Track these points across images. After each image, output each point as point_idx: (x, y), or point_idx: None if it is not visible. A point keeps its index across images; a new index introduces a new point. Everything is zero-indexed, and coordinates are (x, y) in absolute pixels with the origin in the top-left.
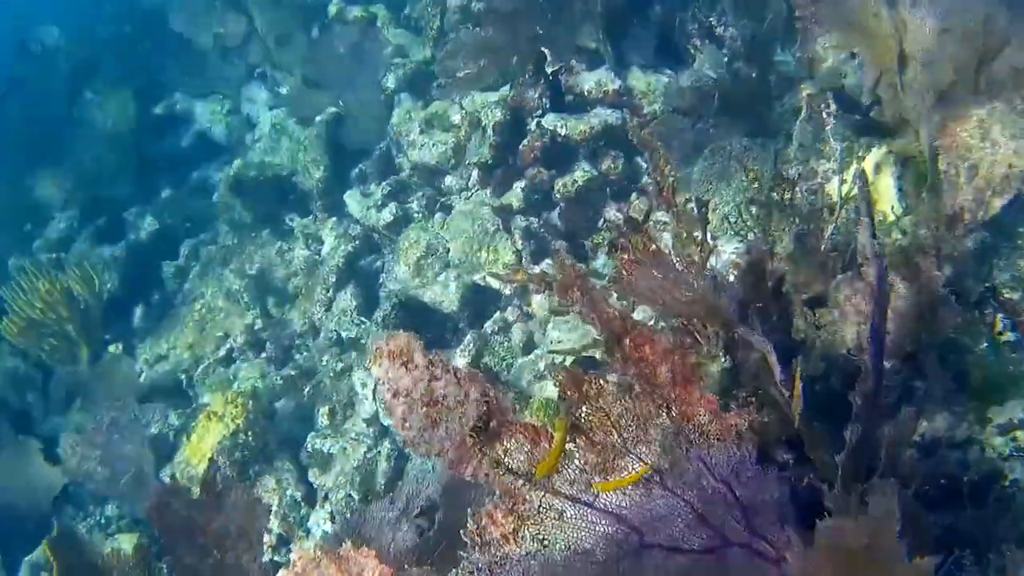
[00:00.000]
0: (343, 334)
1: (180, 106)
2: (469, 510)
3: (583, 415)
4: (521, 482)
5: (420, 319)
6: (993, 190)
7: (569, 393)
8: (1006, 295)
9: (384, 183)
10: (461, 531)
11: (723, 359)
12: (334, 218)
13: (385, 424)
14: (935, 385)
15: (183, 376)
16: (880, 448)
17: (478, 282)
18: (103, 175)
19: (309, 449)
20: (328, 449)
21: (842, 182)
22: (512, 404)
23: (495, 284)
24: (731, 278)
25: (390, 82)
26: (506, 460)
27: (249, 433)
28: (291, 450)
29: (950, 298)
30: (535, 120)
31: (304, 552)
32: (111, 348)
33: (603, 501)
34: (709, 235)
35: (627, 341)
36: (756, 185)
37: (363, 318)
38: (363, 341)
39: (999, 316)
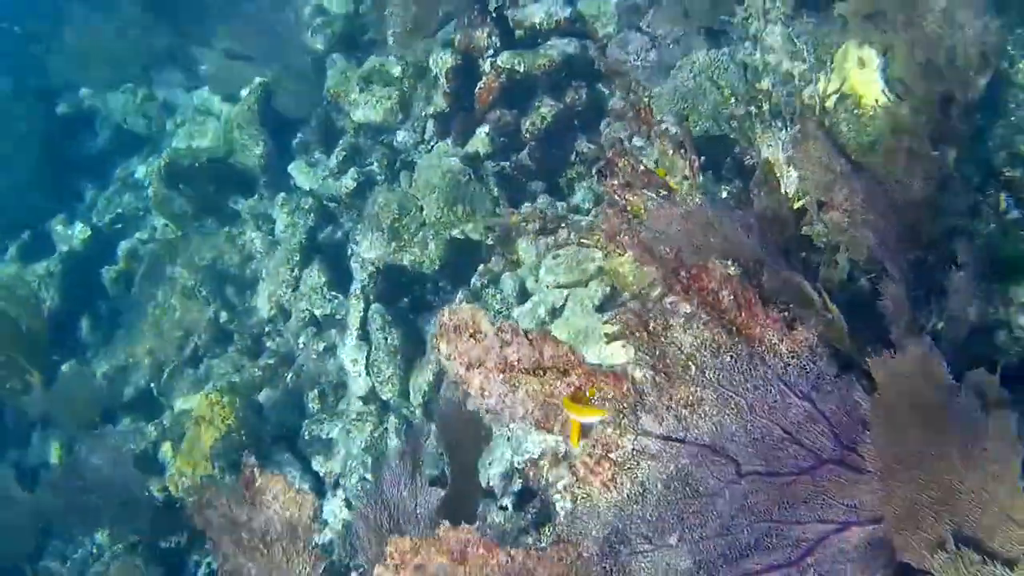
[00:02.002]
0: (316, 312)
1: (88, 103)
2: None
3: (654, 352)
4: (611, 430)
5: (400, 284)
6: (974, 70)
7: (638, 333)
8: (1007, 173)
9: (337, 148)
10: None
11: None
12: (283, 194)
13: (385, 398)
14: (966, 269)
15: (149, 385)
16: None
17: (457, 236)
18: (16, 186)
19: (306, 437)
20: (327, 434)
21: (820, 79)
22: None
23: (475, 236)
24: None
25: (318, 43)
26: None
27: (242, 431)
28: (287, 441)
29: (957, 179)
30: (488, 61)
31: (399, 541)
32: (64, 367)
33: (695, 435)
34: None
35: (684, 273)
36: (733, 100)
37: (334, 293)
38: (339, 317)
39: (1002, 195)
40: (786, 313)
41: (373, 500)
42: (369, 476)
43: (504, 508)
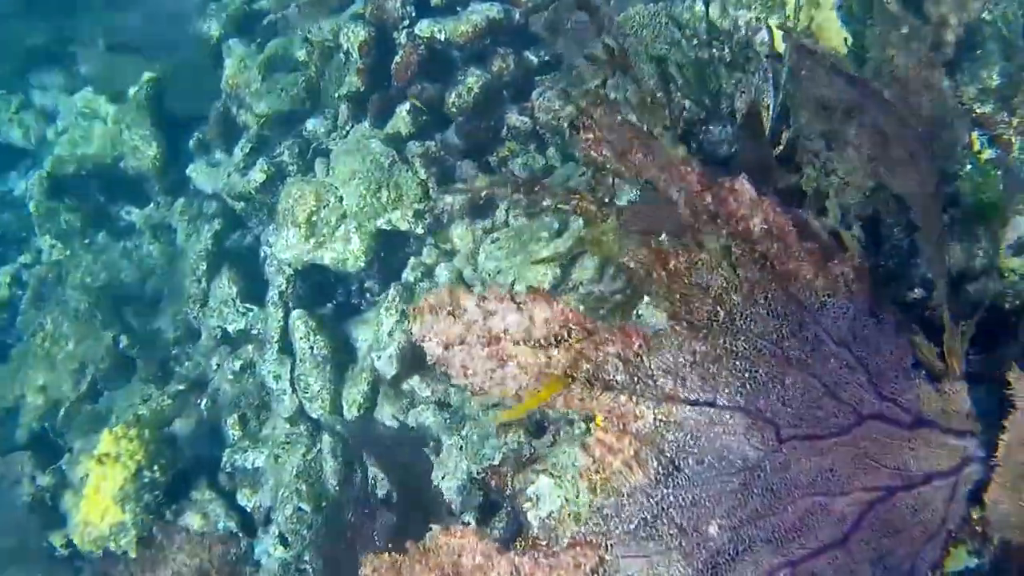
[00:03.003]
0: (229, 328)
1: None
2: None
3: (675, 296)
4: (625, 398)
5: (323, 286)
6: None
7: (656, 273)
8: (977, 110)
9: (242, 140)
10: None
11: None
12: (182, 199)
13: (315, 416)
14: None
15: (43, 426)
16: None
17: (383, 227)
18: None
19: (228, 469)
20: (253, 463)
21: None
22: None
23: (403, 226)
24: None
25: (212, 29)
26: (601, 376)
27: (155, 468)
28: (206, 476)
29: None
30: (404, 32)
31: (375, 559)
32: None
33: (726, 396)
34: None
35: (708, 197)
36: (694, 42)
37: (248, 304)
38: (255, 331)
39: (974, 134)
40: (816, 243)
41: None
42: (305, 506)
43: (466, 524)
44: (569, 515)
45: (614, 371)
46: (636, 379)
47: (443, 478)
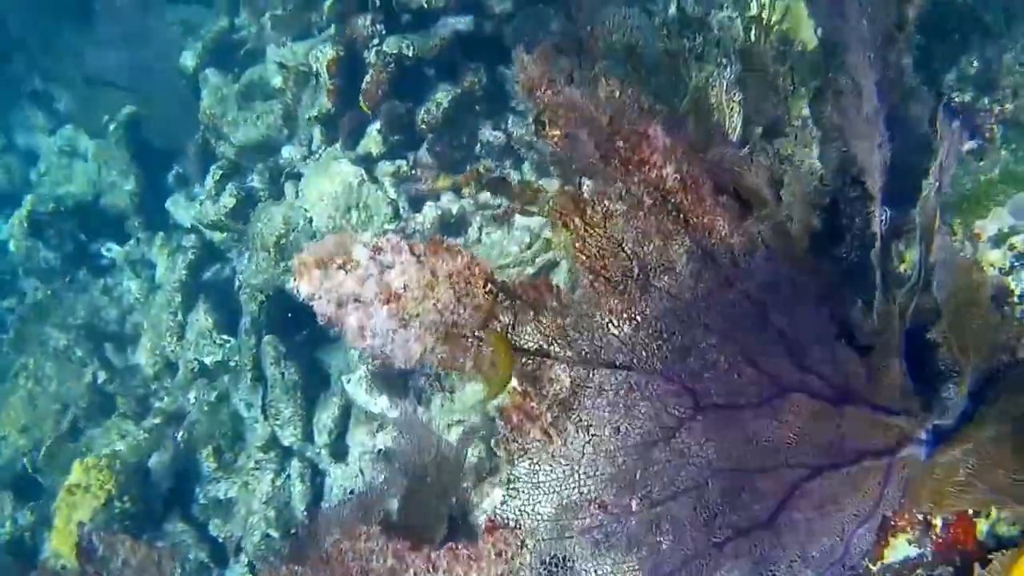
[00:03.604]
0: (207, 360)
1: None
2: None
3: (591, 249)
4: (541, 361)
5: (295, 312)
6: None
7: (571, 223)
8: (956, 99)
9: (214, 167)
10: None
11: None
12: (160, 233)
13: (287, 444)
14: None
15: (24, 465)
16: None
17: None
18: None
19: (202, 501)
20: (225, 493)
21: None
22: (492, 270)
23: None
24: None
25: (188, 60)
26: (513, 337)
27: (126, 498)
28: (181, 509)
29: (921, 89)
30: (373, 50)
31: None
32: None
33: (643, 358)
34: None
35: (622, 143)
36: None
37: (225, 336)
38: (232, 363)
39: (955, 124)
40: (732, 197)
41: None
42: (274, 532)
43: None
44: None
45: (527, 333)
46: (552, 340)
47: None
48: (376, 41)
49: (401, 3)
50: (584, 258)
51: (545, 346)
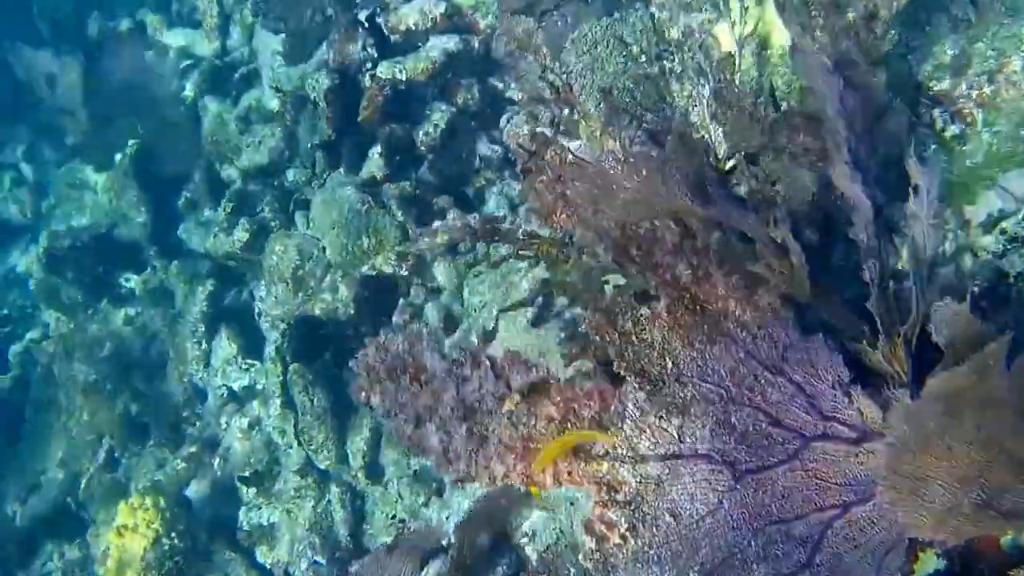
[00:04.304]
0: (234, 386)
1: None
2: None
3: (630, 356)
4: (607, 465)
5: (317, 337)
6: None
7: (607, 336)
8: (935, 88)
9: (224, 200)
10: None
11: None
12: (176, 261)
13: (322, 467)
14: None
15: (66, 500)
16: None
17: (368, 273)
18: None
19: (245, 527)
20: (268, 519)
21: (732, 24)
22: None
23: (388, 269)
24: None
25: (188, 89)
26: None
27: (174, 535)
28: (225, 536)
29: (894, 100)
30: (367, 74)
31: None
32: None
33: (689, 445)
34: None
35: (634, 249)
36: (643, 59)
37: (251, 360)
38: (259, 387)
39: (935, 112)
40: (740, 277)
41: None
42: (320, 559)
43: None
44: (566, 547)
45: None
46: (615, 445)
47: (447, 518)
48: (369, 65)
49: (391, 26)
50: (625, 364)
51: (611, 450)
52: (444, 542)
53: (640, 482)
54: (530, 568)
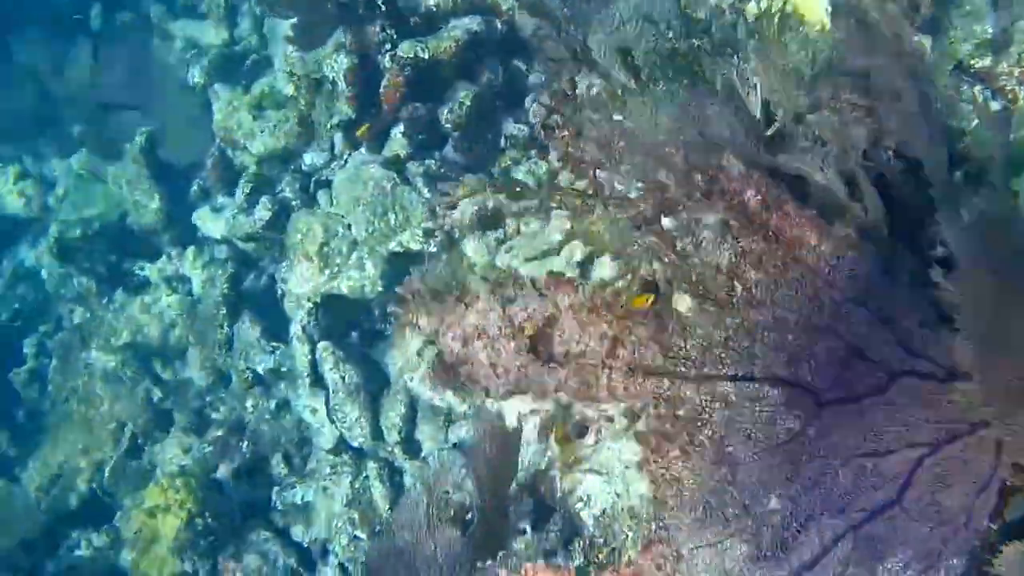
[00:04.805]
0: (259, 368)
1: None
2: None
3: (691, 277)
4: (668, 382)
5: (344, 315)
6: None
7: (667, 257)
8: (976, 65)
9: (242, 181)
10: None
11: None
12: (192, 247)
13: (355, 445)
14: None
15: (91, 487)
16: None
17: (395, 250)
18: None
19: (280, 507)
20: (302, 498)
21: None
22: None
23: (415, 246)
24: None
25: (196, 77)
26: (641, 362)
27: (207, 514)
28: (259, 517)
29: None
30: (387, 55)
31: None
32: None
33: (762, 368)
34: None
35: (699, 177)
36: (670, 34)
37: (274, 343)
38: (284, 368)
39: (977, 89)
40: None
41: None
42: (361, 534)
43: (523, 532)
44: (623, 510)
45: (652, 356)
46: (675, 362)
47: None
48: (388, 46)
49: (410, 8)
50: (686, 286)
51: (672, 368)
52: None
53: (707, 399)
54: (585, 532)
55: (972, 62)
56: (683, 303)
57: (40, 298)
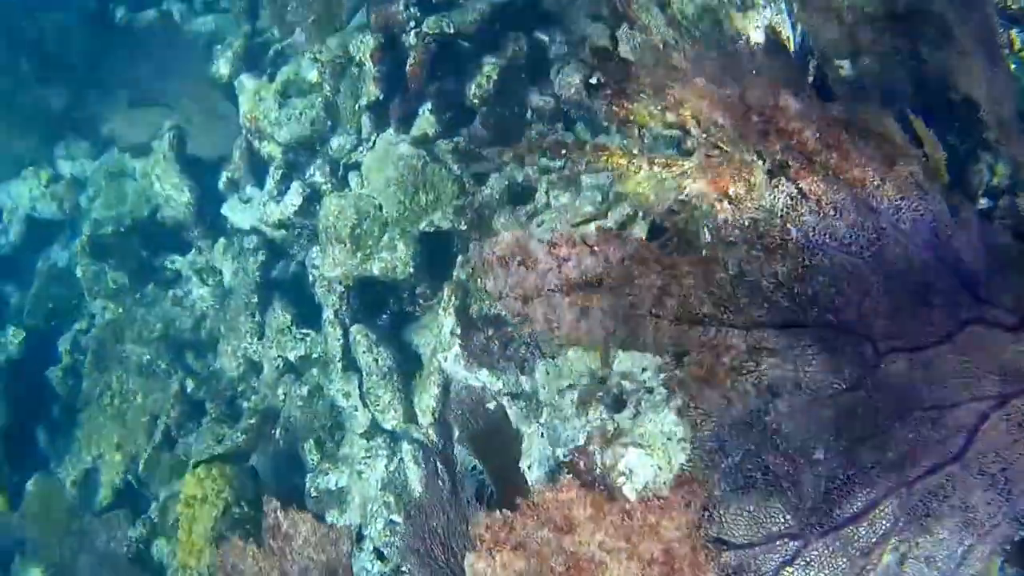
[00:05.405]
0: (290, 356)
1: None
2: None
3: (743, 220)
4: (713, 331)
5: (376, 298)
6: None
7: (719, 201)
8: (1013, 7)
9: (272, 168)
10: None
11: None
12: (222, 239)
13: (390, 427)
14: None
15: (128, 480)
16: None
17: (426, 230)
18: None
19: (313, 494)
20: (336, 484)
21: None
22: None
23: (446, 225)
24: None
25: (222, 69)
26: (688, 309)
27: (243, 503)
28: (293, 504)
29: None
30: (412, 32)
31: (489, 519)
32: (29, 485)
33: (815, 315)
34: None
35: (756, 117)
36: None
37: (305, 330)
38: (316, 355)
39: (1014, 32)
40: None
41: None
42: (396, 517)
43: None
44: (666, 482)
45: (699, 303)
46: (723, 309)
47: (529, 467)
48: (413, 24)
49: None
50: (737, 231)
51: (719, 315)
52: None
53: (753, 347)
54: None
55: (1009, 3)
56: (733, 251)
57: (74, 297)
